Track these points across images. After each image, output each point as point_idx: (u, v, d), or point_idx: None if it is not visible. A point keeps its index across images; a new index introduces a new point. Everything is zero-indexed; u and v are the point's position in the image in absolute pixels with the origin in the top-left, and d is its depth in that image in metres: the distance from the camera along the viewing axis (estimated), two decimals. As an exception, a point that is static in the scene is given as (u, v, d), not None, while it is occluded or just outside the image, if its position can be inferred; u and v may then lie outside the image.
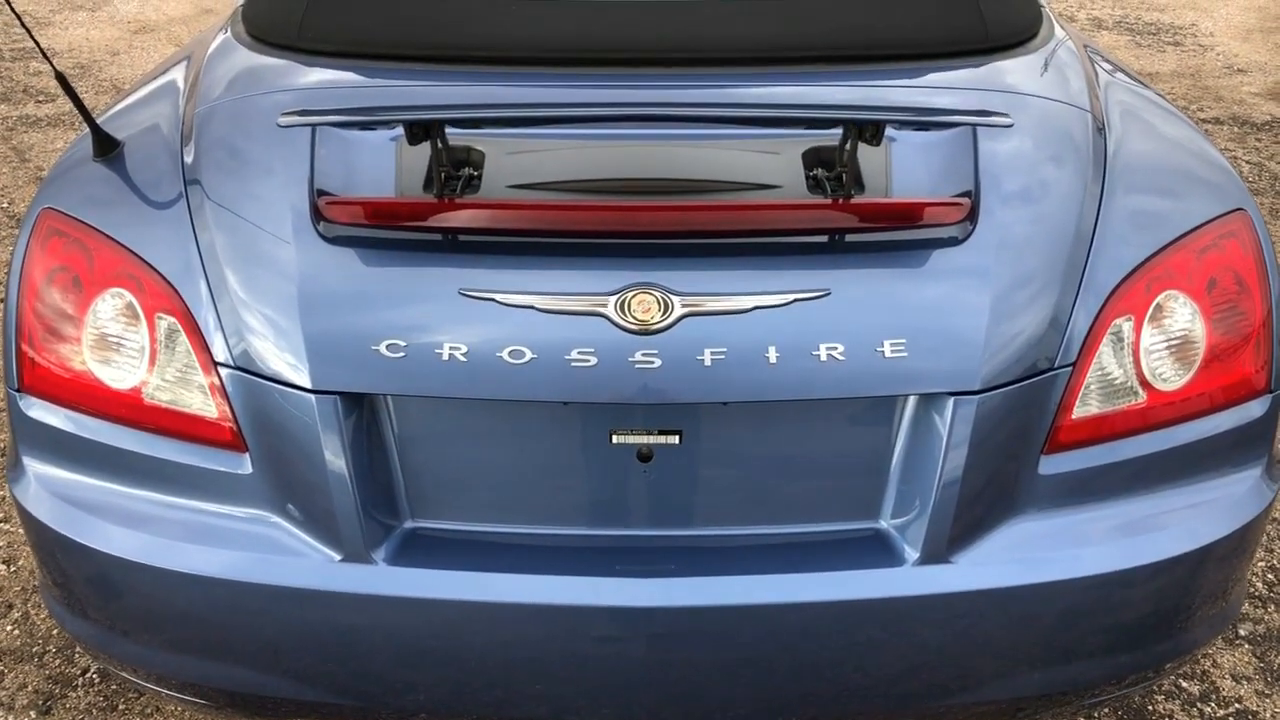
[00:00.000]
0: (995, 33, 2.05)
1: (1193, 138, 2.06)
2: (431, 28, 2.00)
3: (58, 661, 2.55)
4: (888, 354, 1.59)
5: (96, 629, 1.84)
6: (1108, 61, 2.32)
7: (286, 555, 1.67)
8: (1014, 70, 2.03)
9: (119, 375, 1.74)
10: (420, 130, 1.64)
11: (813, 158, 1.79)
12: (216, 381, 1.68)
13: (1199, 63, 6.46)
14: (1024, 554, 1.68)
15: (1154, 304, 1.73)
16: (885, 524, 1.71)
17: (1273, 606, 2.70)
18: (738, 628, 1.65)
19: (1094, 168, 1.83)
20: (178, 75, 2.20)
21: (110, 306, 1.74)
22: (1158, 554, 1.70)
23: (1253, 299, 1.79)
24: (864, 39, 1.99)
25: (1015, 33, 2.09)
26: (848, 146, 1.69)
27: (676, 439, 1.67)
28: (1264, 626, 2.64)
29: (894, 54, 1.99)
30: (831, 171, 1.75)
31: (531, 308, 1.59)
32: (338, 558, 1.66)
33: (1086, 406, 1.70)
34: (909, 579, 1.65)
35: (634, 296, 1.59)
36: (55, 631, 2.62)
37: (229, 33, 2.21)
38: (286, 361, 1.63)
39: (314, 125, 1.75)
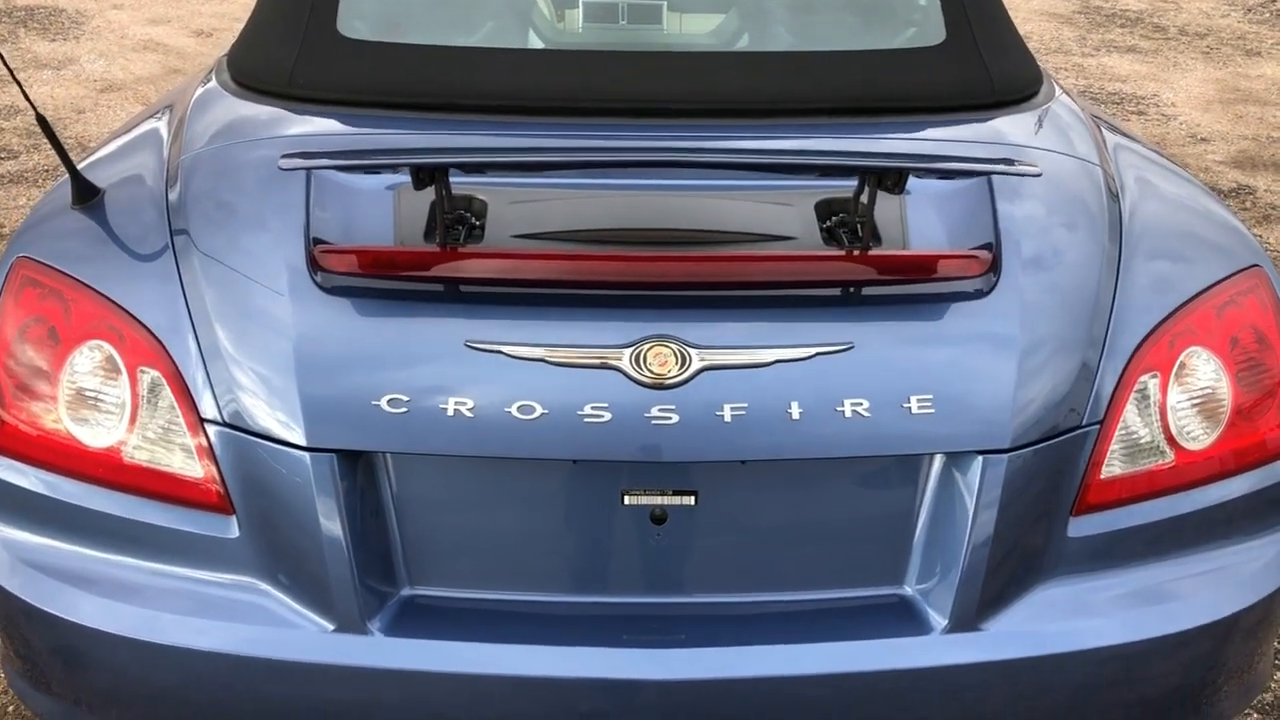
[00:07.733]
0: (1001, 88, 2.04)
1: (1200, 195, 2.05)
2: (429, 77, 1.96)
3: (14, 739, 2.40)
4: (914, 410, 1.54)
5: (62, 705, 1.72)
6: (1104, 119, 2.32)
7: (275, 626, 1.58)
8: (1023, 124, 2.02)
9: (96, 433, 1.64)
10: (425, 175, 1.57)
11: (825, 210, 1.75)
12: (203, 439, 1.59)
13: (1163, 131, 6.56)
14: (1055, 621, 1.62)
15: (1178, 361, 1.69)
16: (910, 590, 1.64)
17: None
18: (756, 701, 1.57)
19: (1110, 225, 1.81)
20: (160, 123, 2.13)
21: (89, 360, 1.64)
22: (1196, 619, 1.64)
23: (1275, 354, 1.76)
24: (873, 92, 1.98)
25: (1019, 88, 2.08)
26: (863, 198, 1.65)
27: (692, 500, 1.59)
28: (1271, 695, 2.58)
29: (902, 106, 1.98)
30: (847, 223, 1.71)
31: (542, 360, 1.53)
32: (330, 628, 1.57)
33: (1114, 466, 1.66)
34: (938, 648, 1.58)
35: (650, 349, 1.53)
36: (13, 708, 2.47)
37: (214, 81, 2.15)
38: (279, 417, 1.54)
39: (314, 169, 1.69)
